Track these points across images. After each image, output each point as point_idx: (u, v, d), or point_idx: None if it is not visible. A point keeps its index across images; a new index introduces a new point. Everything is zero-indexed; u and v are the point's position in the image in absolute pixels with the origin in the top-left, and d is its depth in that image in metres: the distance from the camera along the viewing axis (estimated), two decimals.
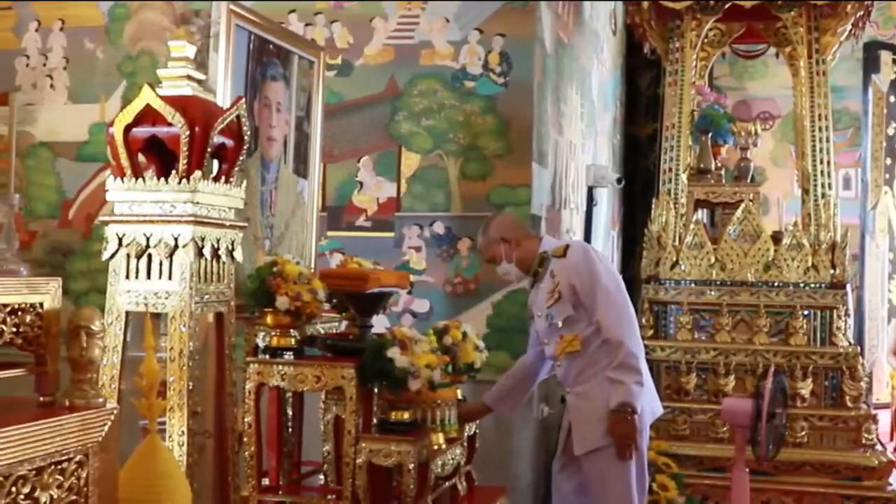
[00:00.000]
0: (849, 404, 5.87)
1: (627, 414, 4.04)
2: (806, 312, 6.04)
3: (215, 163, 3.21)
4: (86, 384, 2.34)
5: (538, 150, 5.82)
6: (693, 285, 6.16)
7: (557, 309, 4.28)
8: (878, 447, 5.89)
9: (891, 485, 5.76)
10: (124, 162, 3.06)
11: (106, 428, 2.32)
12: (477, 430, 4.29)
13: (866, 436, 5.80)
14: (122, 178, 3.06)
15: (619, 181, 6.29)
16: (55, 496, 2.18)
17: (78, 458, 2.25)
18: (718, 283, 6.16)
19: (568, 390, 4.42)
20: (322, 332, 4.07)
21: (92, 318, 2.35)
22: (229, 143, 3.19)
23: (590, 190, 6.02)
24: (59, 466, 2.20)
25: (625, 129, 9.57)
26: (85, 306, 2.40)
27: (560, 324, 4.28)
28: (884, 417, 7.47)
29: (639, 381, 4.08)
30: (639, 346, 4.18)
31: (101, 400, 2.35)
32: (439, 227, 5.74)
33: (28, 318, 2.38)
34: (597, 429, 4.15)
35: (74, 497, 2.24)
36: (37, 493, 2.12)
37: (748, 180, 6.85)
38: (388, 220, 5.83)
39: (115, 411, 2.35)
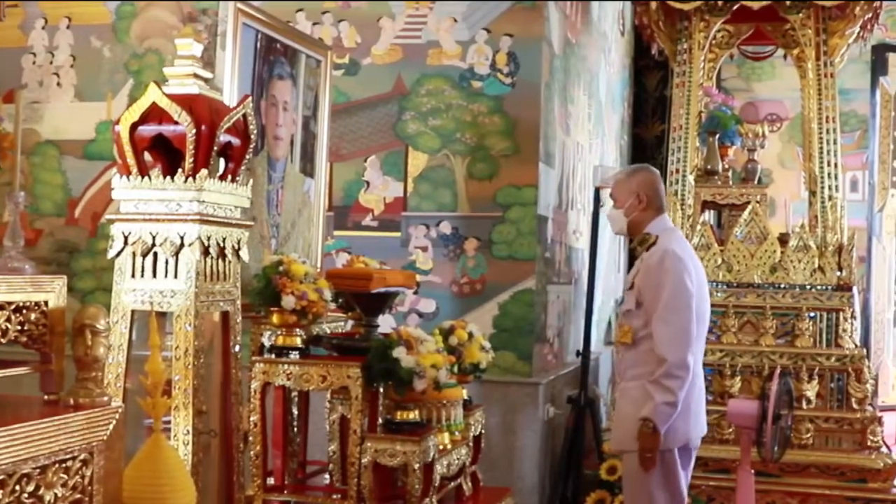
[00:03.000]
0: (854, 406, 5.86)
1: (649, 428, 4.01)
2: (812, 314, 6.03)
3: (221, 161, 3.21)
4: (91, 382, 2.34)
5: (545, 151, 5.81)
6: None
7: (628, 296, 4.26)
8: (884, 449, 5.87)
9: (895, 487, 5.75)
10: (130, 160, 3.06)
11: (110, 426, 2.31)
12: (482, 431, 4.28)
13: (872, 438, 5.79)
14: (128, 177, 3.06)
15: None
16: (59, 494, 2.18)
17: (82, 456, 2.25)
18: (725, 284, 6.15)
19: (618, 381, 4.40)
20: (328, 331, 4.06)
21: (97, 316, 2.35)
22: (236, 141, 3.19)
23: (597, 191, 6.00)
24: (64, 465, 2.20)
25: (632, 130, 9.56)
26: (90, 304, 2.40)
27: (626, 311, 4.26)
28: (890, 420, 7.44)
29: (670, 402, 3.96)
30: (684, 368, 3.99)
31: (105, 398, 2.35)
32: (446, 227, 5.74)
33: (33, 317, 2.38)
34: (627, 432, 4.12)
35: (79, 495, 2.24)
36: (41, 492, 2.12)
37: (755, 182, 6.83)
38: (395, 220, 5.82)
39: (120, 410, 2.34)
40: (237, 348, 3.33)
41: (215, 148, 3.05)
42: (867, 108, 10.36)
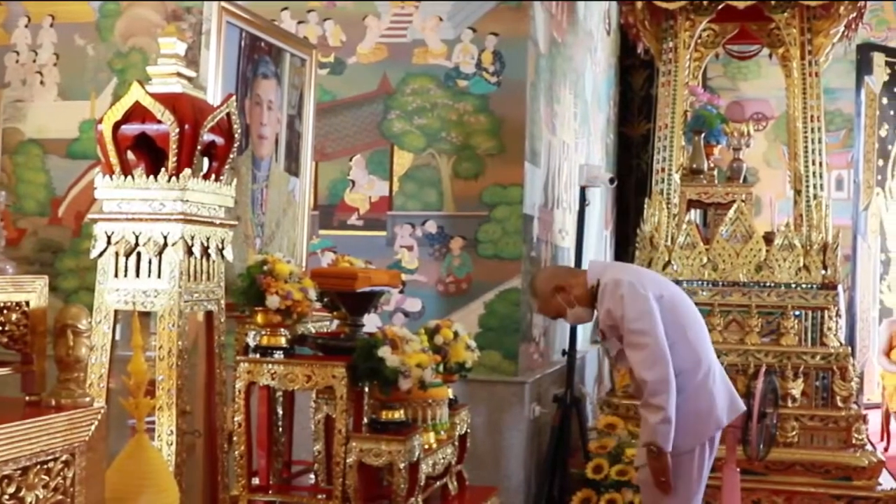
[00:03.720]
0: (839, 404, 5.88)
1: (655, 452, 4.02)
2: (797, 313, 6.04)
3: (205, 160, 3.20)
4: (72, 383, 2.32)
5: (531, 150, 5.81)
6: (685, 285, 6.13)
7: (608, 345, 4.33)
8: (868, 447, 5.90)
9: (881, 485, 5.77)
10: (113, 159, 3.05)
11: (93, 427, 2.30)
12: (468, 430, 4.28)
13: (856, 436, 5.81)
14: (111, 176, 3.04)
15: (611, 181, 6.27)
16: (41, 496, 2.16)
17: (64, 457, 2.23)
18: (710, 283, 6.16)
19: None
20: (313, 331, 4.05)
21: (79, 316, 2.33)
22: (219, 140, 3.17)
23: (582, 189, 6.00)
24: (45, 466, 2.18)
25: (618, 129, 9.57)
26: (72, 305, 2.39)
27: (615, 359, 4.31)
28: (874, 418, 7.48)
29: (663, 418, 3.96)
30: (664, 383, 3.99)
31: (88, 399, 2.33)
32: (431, 227, 5.73)
33: (14, 317, 2.36)
34: (642, 450, 4.16)
35: (60, 497, 2.22)
36: (22, 493, 2.10)
37: (741, 181, 6.85)
38: (380, 219, 5.81)
39: (103, 410, 2.33)
40: (221, 348, 3.31)
41: (199, 147, 3.04)
42: (852, 107, 10.42)
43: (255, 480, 3.81)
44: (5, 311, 2.35)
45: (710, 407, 4.23)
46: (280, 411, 4.03)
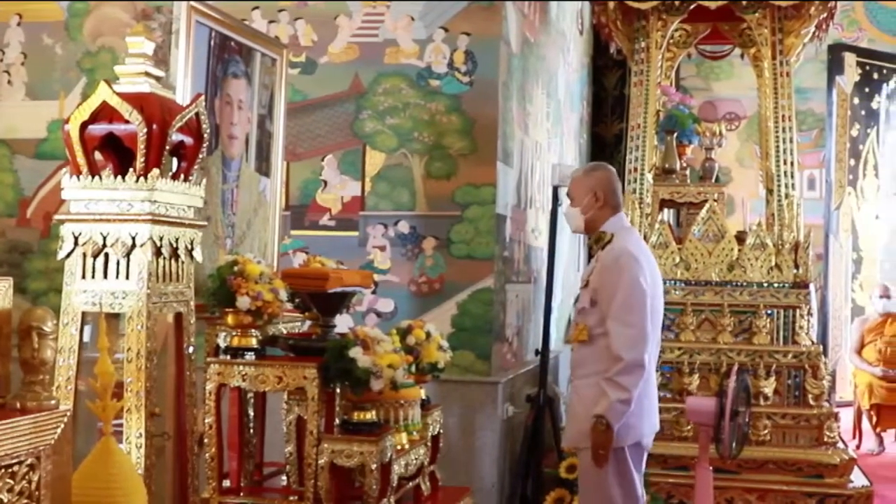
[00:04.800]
0: (811, 402, 5.91)
1: (603, 426, 4.02)
2: (769, 312, 6.07)
3: (174, 161, 3.17)
4: (38, 385, 2.30)
5: (503, 150, 5.80)
6: None
7: (583, 294, 4.28)
8: (840, 445, 5.93)
9: (852, 482, 5.80)
10: (80, 159, 3.02)
11: (59, 430, 2.27)
12: (441, 430, 4.27)
13: (828, 434, 5.84)
14: (78, 176, 3.02)
15: None
16: (6, 500, 2.13)
17: (29, 461, 2.21)
18: (683, 282, 6.18)
19: (572, 379, 4.40)
20: (284, 331, 4.03)
21: (44, 318, 2.31)
22: (188, 140, 3.15)
23: (555, 189, 6.00)
24: (10, 470, 2.15)
25: (591, 129, 9.59)
26: (37, 307, 2.36)
27: (577, 312, 4.28)
28: (846, 415, 7.52)
29: (624, 399, 3.96)
30: (640, 367, 4.00)
31: (53, 402, 2.30)
32: (404, 227, 5.71)
33: None
34: (580, 429, 4.13)
35: (26, 501, 2.20)
36: None
37: (713, 180, 6.88)
38: (353, 220, 5.79)
39: (68, 413, 2.30)
40: (191, 350, 3.29)
41: (167, 147, 3.02)
42: (824, 107, 10.49)
43: (226, 483, 3.79)
44: None
45: (650, 409, 4.26)
46: (251, 413, 4.00)
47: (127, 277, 3.00)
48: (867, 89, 10.44)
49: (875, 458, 8.33)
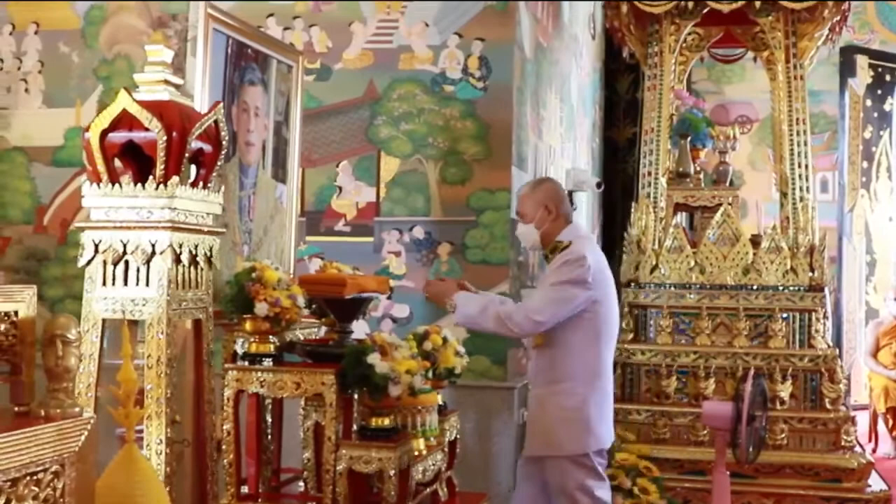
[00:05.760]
0: (828, 406, 5.88)
1: (452, 305, 4.13)
2: (785, 315, 6.05)
3: (193, 168, 3.19)
4: (62, 393, 2.31)
5: (518, 155, 5.81)
6: (673, 289, 6.16)
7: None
8: (858, 449, 5.90)
9: (870, 486, 5.78)
10: (100, 167, 3.03)
11: (82, 437, 2.28)
12: (458, 436, 4.27)
13: (845, 438, 5.82)
14: (98, 184, 3.03)
15: (598, 185, 6.28)
16: None
17: (54, 468, 2.22)
18: (698, 286, 6.17)
19: (530, 388, 4.43)
20: (301, 338, 4.04)
21: (68, 326, 2.32)
22: (207, 148, 3.16)
23: (569, 194, 6.00)
24: (35, 477, 2.16)
25: (604, 133, 9.58)
26: (61, 314, 2.37)
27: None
28: (861, 419, 7.50)
29: (488, 328, 4.13)
30: (527, 328, 4.12)
31: (77, 409, 2.31)
32: (419, 232, 5.72)
33: (2, 327, 2.35)
34: (542, 438, 4.19)
35: None
36: None
37: (727, 184, 6.86)
38: (368, 225, 5.80)
39: (92, 421, 2.31)
40: (210, 356, 3.30)
41: (186, 154, 3.03)
42: (836, 110, 10.45)
43: (245, 489, 3.79)
44: None
45: (609, 416, 4.32)
46: (269, 419, 4.01)
47: (147, 284, 3.01)
48: (879, 91, 10.40)
49: (891, 462, 8.30)
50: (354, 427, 3.64)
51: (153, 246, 2.99)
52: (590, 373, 4.22)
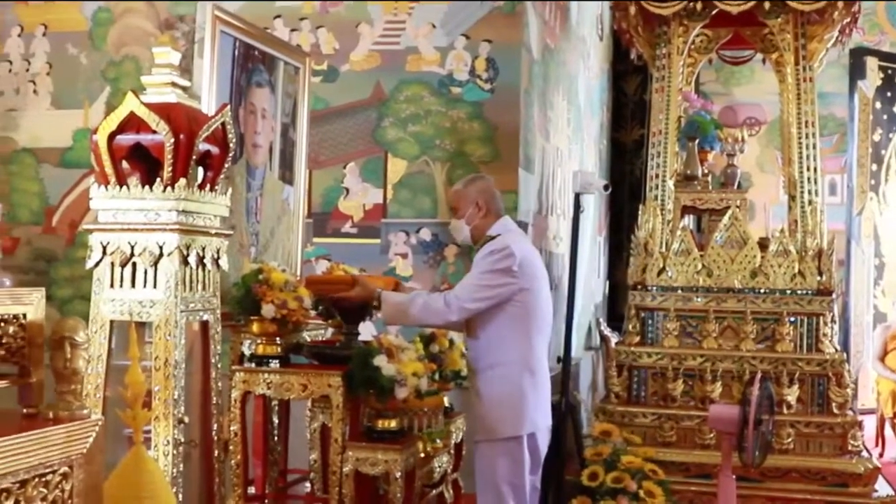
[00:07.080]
0: (835, 411, 5.86)
1: (376, 302, 4.00)
2: (792, 319, 6.03)
3: (200, 170, 3.19)
4: (70, 395, 2.31)
5: (525, 156, 5.80)
6: (680, 292, 6.14)
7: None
8: (864, 453, 5.88)
9: (876, 491, 5.76)
10: (108, 169, 3.04)
11: (90, 439, 2.28)
12: (463, 438, 4.27)
13: (852, 442, 5.80)
14: (106, 186, 3.04)
15: (606, 187, 6.24)
16: None
17: (62, 470, 2.22)
18: (705, 289, 6.15)
19: (469, 375, 4.43)
20: (308, 339, 4.04)
21: (76, 328, 2.32)
22: (214, 150, 3.17)
23: (577, 196, 5.99)
24: (44, 479, 2.16)
25: (611, 135, 9.58)
26: (69, 317, 2.37)
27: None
28: (869, 423, 7.48)
29: (410, 317, 4.02)
30: (452, 317, 4.05)
31: (85, 411, 2.32)
32: (426, 234, 5.72)
33: (11, 330, 2.36)
34: (474, 424, 4.16)
35: None
36: None
37: (735, 186, 6.84)
38: (375, 227, 5.80)
39: (100, 423, 2.31)
40: (217, 357, 3.30)
41: (194, 157, 3.03)
42: (845, 112, 10.41)
43: (251, 490, 3.80)
44: (3, 324, 2.34)
45: (543, 401, 4.34)
46: (276, 420, 4.02)
47: (155, 286, 3.02)
48: (889, 93, 10.36)
49: None
50: (361, 429, 3.65)
51: (161, 248, 3.00)
52: (522, 360, 4.19)
